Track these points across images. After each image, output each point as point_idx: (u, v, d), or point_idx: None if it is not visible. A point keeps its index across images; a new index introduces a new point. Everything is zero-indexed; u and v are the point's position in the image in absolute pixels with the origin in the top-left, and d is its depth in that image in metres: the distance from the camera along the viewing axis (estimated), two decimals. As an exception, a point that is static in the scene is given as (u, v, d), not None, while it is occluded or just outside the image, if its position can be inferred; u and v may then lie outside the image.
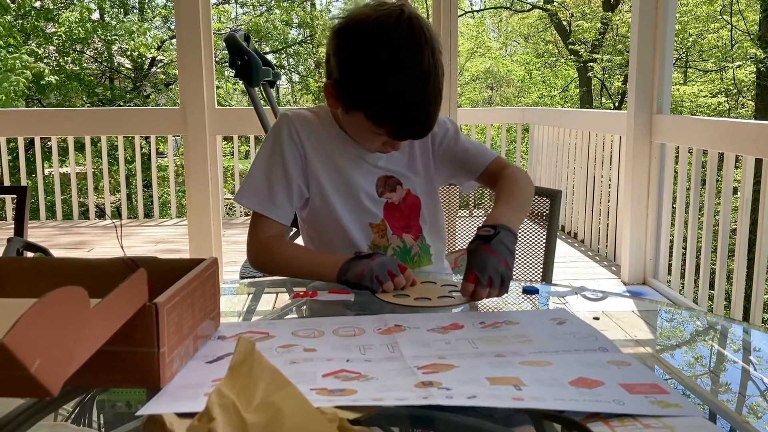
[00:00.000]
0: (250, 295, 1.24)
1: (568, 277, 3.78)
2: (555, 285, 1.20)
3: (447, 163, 1.35)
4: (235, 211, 7.00)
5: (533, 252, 1.57)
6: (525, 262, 1.58)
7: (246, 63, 2.58)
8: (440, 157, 1.35)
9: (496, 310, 1.04)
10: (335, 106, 1.19)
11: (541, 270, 1.55)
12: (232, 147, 6.88)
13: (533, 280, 1.57)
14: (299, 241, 1.42)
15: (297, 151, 1.26)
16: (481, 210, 1.77)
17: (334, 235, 1.29)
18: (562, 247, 4.52)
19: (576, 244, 4.59)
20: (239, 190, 1.28)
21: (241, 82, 2.75)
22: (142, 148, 7.28)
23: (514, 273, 1.46)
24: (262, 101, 2.73)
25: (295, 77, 14.28)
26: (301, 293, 1.12)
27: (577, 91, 13.68)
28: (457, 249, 1.70)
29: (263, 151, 1.28)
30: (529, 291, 1.12)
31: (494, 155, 1.34)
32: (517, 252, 1.58)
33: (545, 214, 1.55)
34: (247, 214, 7.30)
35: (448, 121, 1.38)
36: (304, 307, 1.10)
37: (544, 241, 1.55)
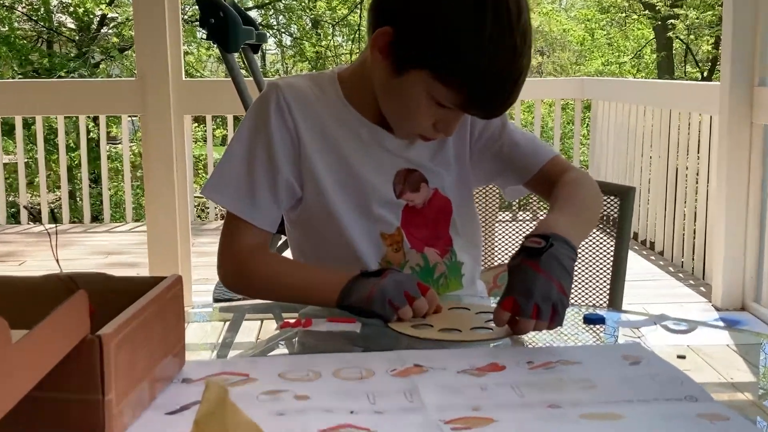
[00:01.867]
0: (226, 324, 1.24)
1: (643, 301, 3.75)
2: (626, 312, 1.20)
3: (488, 159, 1.34)
4: (208, 212, 7.05)
5: (597, 268, 1.56)
6: (586, 280, 1.58)
7: (222, 21, 2.59)
8: (480, 150, 1.34)
9: (548, 345, 1.03)
10: (381, 63, 1.17)
11: (608, 292, 1.54)
12: (205, 131, 6.92)
13: (597, 305, 1.56)
14: (287, 254, 1.42)
15: (288, 133, 1.25)
16: (528, 212, 1.77)
17: (333, 246, 1.29)
18: (635, 262, 4.50)
19: (653, 258, 4.59)
20: (208, 181, 1.27)
21: (215, 46, 2.76)
22: (89, 132, 7.34)
23: (571, 298, 1.45)
24: (243, 71, 2.74)
25: (287, 39, 14.36)
26: (291, 322, 1.12)
27: (654, 56, 13.64)
28: (496, 264, 1.70)
29: (242, 132, 1.27)
30: (592, 320, 1.11)
31: (551, 153, 1.33)
32: (576, 271, 1.58)
33: (613, 218, 1.54)
34: (223, 217, 7.37)
35: None
36: (295, 340, 1.09)
37: (612, 253, 1.54)
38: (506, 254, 1.70)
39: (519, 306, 1.00)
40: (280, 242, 2.61)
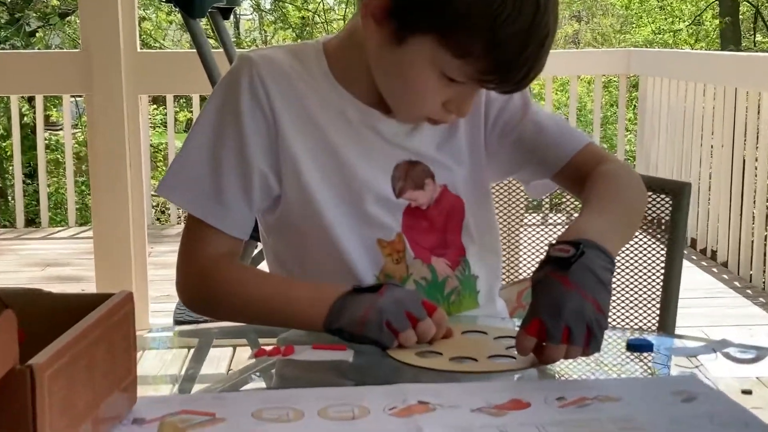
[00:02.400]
0: (191, 351, 1.25)
1: (702, 323, 3.75)
2: (680, 337, 1.20)
3: (508, 148, 1.35)
4: (169, 214, 7.05)
5: (645, 282, 1.56)
6: (631, 298, 1.58)
7: (183, -21, 2.60)
8: (498, 137, 1.35)
9: (582, 378, 1.03)
10: (376, 31, 1.17)
11: (657, 311, 1.54)
12: (165, 114, 6.93)
13: (644, 328, 1.56)
14: (263, 266, 1.43)
15: (263, 117, 1.25)
16: (562, 214, 1.78)
17: (319, 257, 1.29)
18: (691, 275, 4.50)
19: (715, 270, 4.59)
20: (166, 176, 1.28)
21: (177, 10, 2.77)
22: (23, 116, 7.35)
23: (611, 318, 1.45)
24: (211, 41, 2.74)
25: (266, 2, 14.37)
26: (268, 349, 1.12)
27: (716, 22, 13.65)
28: (520, 278, 1.71)
29: (206, 116, 1.27)
30: (637, 346, 1.11)
31: (585, 140, 1.34)
32: (617, 286, 1.59)
33: (664, 222, 1.55)
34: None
35: None
36: (273, 371, 1.10)
37: (662, 264, 1.54)
38: (533, 266, 1.70)
39: (546, 329, 1.00)
40: (255, 251, 2.61)
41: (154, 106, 10.22)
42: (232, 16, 3.02)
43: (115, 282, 3.35)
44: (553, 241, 1.09)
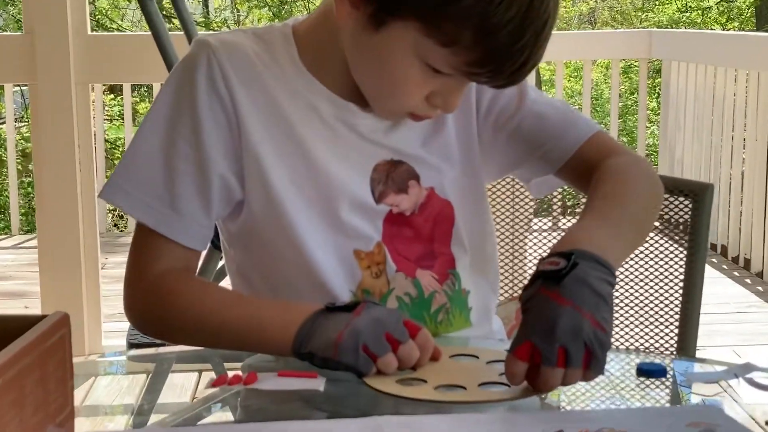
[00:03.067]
0: (148, 377, 1.25)
1: (734, 342, 3.77)
2: (701, 361, 1.20)
3: (503, 142, 1.36)
4: (126, 220, 7.05)
5: (662, 296, 1.57)
6: (646, 315, 1.58)
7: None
8: (492, 130, 1.36)
9: (585, 408, 1.04)
10: (351, 15, 1.17)
11: (676, 329, 1.55)
12: (122, 105, 6.93)
13: (662, 349, 1.57)
14: (227, 282, 1.43)
15: (222, 111, 1.25)
16: (575, 218, 1.77)
17: (288, 270, 1.29)
18: (722, 286, 4.51)
19: (748, 280, 4.60)
20: (112, 177, 1.27)
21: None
22: (-41, 107, 7.34)
23: (623, 339, 1.45)
24: (169, 25, 2.73)
25: (239, -23, 14.38)
26: (230, 377, 1.11)
27: (749, 0, 13.69)
28: (521, 293, 1.70)
29: (158, 110, 1.27)
30: (648, 371, 1.12)
31: (592, 129, 1.35)
32: (629, 299, 1.59)
33: (684, 225, 1.56)
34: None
35: None
36: (239, 400, 1.09)
37: (681, 273, 1.55)
38: None
39: (539, 351, 1.01)
40: (219, 264, 2.61)
41: (111, 95, 10.20)
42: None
43: (63, 298, 3.34)
44: (545, 254, 1.09)
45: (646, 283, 1.58)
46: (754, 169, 4.67)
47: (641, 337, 1.59)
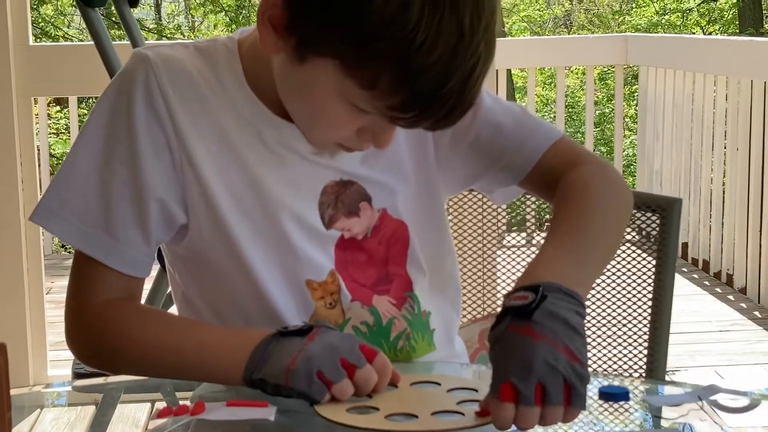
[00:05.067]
0: (95, 408, 1.27)
1: (716, 362, 3.80)
2: (671, 383, 1.21)
3: (461, 155, 1.36)
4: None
5: (630, 316, 1.58)
6: (614, 336, 1.59)
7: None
8: (448, 143, 1.36)
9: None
10: (274, 49, 1.17)
11: (645, 349, 1.56)
12: (68, 119, 6.89)
13: (629, 370, 1.58)
14: (173, 310, 1.43)
15: (161, 130, 1.24)
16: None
17: (239, 297, 1.29)
18: (704, 304, 4.55)
19: (731, 297, 4.63)
20: (43, 199, 1.26)
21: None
22: None
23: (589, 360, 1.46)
24: (120, 32, 2.72)
25: (192, -19, 14.35)
26: (176, 407, 1.11)
27: (731, 1, 13.78)
28: (484, 314, 1.72)
29: (93, 127, 1.26)
30: (611, 395, 1.12)
31: (552, 136, 1.34)
32: (597, 321, 1.60)
33: (653, 241, 1.58)
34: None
35: None
36: (188, 432, 1.10)
37: (651, 291, 1.56)
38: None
39: (517, 391, 0.99)
40: (169, 289, 2.60)
41: (57, 108, 10.14)
42: (139, 4, 3.00)
43: (6, 324, 3.30)
44: (509, 292, 1.09)
45: (614, 302, 1.59)
46: (735, 180, 4.69)
47: (609, 359, 1.60)
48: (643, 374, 1.55)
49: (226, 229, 1.27)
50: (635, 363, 1.57)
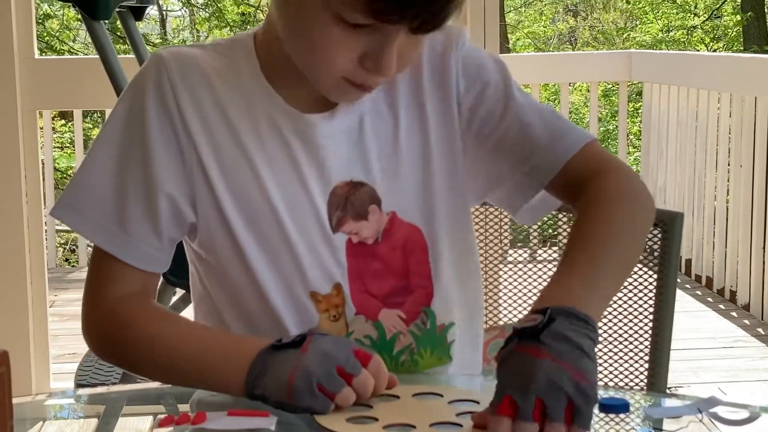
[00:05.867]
0: (97, 421, 1.25)
1: (719, 378, 3.80)
2: (671, 395, 1.21)
3: (489, 150, 1.34)
4: (77, 255, 7.01)
5: (632, 329, 1.59)
6: (615, 349, 1.60)
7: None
8: (474, 140, 1.34)
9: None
10: None
11: (646, 363, 1.56)
12: (72, 132, 6.89)
13: (630, 384, 1.58)
14: (189, 312, 1.43)
15: (171, 128, 1.26)
16: (556, 249, 1.79)
17: (245, 299, 1.31)
18: (707, 321, 4.55)
19: (734, 314, 4.63)
20: (63, 195, 1.29)
21: (76, 10, 2.77)
22: None
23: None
24: (125, 46, 2.74)
25: (198, -4, 14.36)
26: (177, 417, 1.12)
27: (736, 18, 13.80)
28: (486, 327, 1.70)
29: (110, 125, 1.29)
30: (610, 407, 1.12)
31: (581, 140, 1.32)
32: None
33: (655, 255, 1.57)
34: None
35: (489, 60, 1.37)
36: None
37: (652, 305, 1.56)
38: (517, 311, 1.72)
39: (516, 405, 0.98)
40: (174, 298, 2.61)
41: (62, 121, 10.14)
42: (158, 13, 3.02)
43: (9, 337, 3.29)
44: (513, 305, 1.10)
45: (615, 317, 1.59)
46: (739, 197, 4.69)
47: (610, 373, 1.60)
48: (644, 389, 1.55)
49: (232, 233, 1.28)
50: (636, 377, 1.58)
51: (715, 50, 13.53)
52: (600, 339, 1.55)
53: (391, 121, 1.32)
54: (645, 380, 1.56)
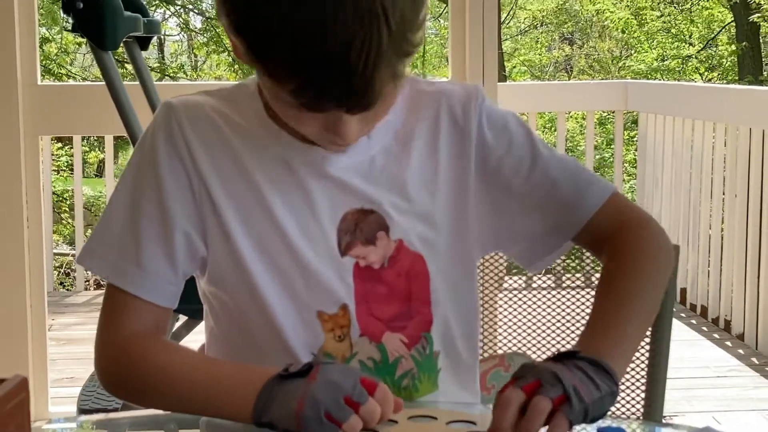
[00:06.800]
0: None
1: (713, 408, 3.80)
2: (668, 425, 1.22)
3: (512, 206, 1.37)
4: (74, 279, 7.02)
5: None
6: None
7: (93, 6, 2.63)
8: (500, 190, 1.37)
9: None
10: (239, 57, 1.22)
11: (642, 393, 1.57)
12: (70, 155, 6.91)
13: (627, 413, 1.59)
14: (191, 338, 1.44)
15: (182, 168, 1.31)
16: (551, 278, 1.76)
17: (255, 329, 1.33)
18: (702, 350, 4.55)
19: (729, 343, 4.62)
20: (87, 243, 1.34)
21: (85, 40, 2.79)
22: None
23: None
24: (122, 70, 2.76)
25: (196, 20, 14.41)
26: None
27: (731, 48, 13.83)
28: (486, 357, 1.72)
29: (127, 171, 1.35)
30: (607, 433, 1.15)
31: (608, 191, 1.36)
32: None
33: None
34: (100, 285, 7.28)
35: (510, 115, 1.40)
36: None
37: (647, 335, 1.57)
38: (513, 340, 1.72)
39: (541, 387, 1.08)
40: (176, 325, 2.61)
41: (59, 145, 10.16)
42: (149, 46, 3.05)
43: (8, 362, 3.28)
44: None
45: None
46: (733, 227, 4.68)
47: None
48: (640, 418, 1.56)
49: (239, 260, 1.31)
50: (633, 407, 1.59)
51: (710, 79, 13.55)
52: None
53: (403, 159, 1.35)
54: (641, 409, 1.57)
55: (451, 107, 1.37)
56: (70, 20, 2.71)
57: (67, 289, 7.10)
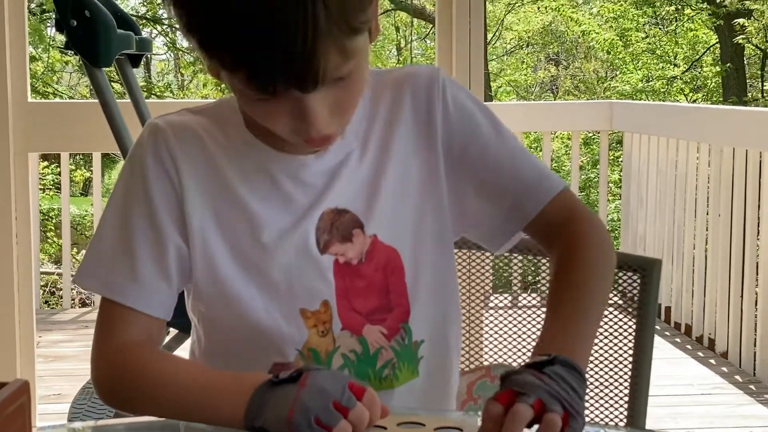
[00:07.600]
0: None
1: (697, 425, 3.82)
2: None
3: (474, 189, 1.42)
4: (61, 296, 7.01)
5: (610, 370, 1.61)
6: (591, 389, 1.63)
7: (87, 24, 2.65)
8: (463, 172, 1.41)
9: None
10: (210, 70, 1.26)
11: (625, 411, 1.59)
12: (58, 173, 6.90)
13: (612, 422, 1.61)
14: (180, 351, 1.47)
15: (170, 184, 1.36)
16: (537, 295, 1.76)
17: (232, 331, 1.37)
18: (686, 367, 4.57)
19: (713, 361, 4.64)
20: (81, 263, 1.38)
21: (78, 58, 2.80)
22: None
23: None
24: (116, 90, 2.78)
25: (182, 40, 14.42)
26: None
27: (716, 69, 13.90)
28: (472, 368, 1.74)
29: (116, 190, 1.38)
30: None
31: (559, 185, 1.41)
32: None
33: (634, 301, 1.61)
34: (86, 303, 7.25)
35: (474, 100, 1.45)
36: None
37: (631, 349, 1.60)
38: (499, 355, 1.73)
39: (517, 393, 1.10)
40: (167, 338, 2.62)
41: (45, 163, 10.16)
42: (141, 64, 3.07)
43: (-6, 375, 3.31)
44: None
45: (594, 364, 1.61)
46: (717, 246, 4.70)
47: (589, 420, 1.58)
48: (622, 425, 1.58)
49: (223, 275, 1.36)
50: (615, 425, 1.60)
51: (694, 100, 13.60)
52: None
53: (374, 158, 1.40)
54: (624, 427, 1.59)
55: (416, 97, 1.42)
56: (63, 38, 2.73)
57: (52, 308, 7.08)
